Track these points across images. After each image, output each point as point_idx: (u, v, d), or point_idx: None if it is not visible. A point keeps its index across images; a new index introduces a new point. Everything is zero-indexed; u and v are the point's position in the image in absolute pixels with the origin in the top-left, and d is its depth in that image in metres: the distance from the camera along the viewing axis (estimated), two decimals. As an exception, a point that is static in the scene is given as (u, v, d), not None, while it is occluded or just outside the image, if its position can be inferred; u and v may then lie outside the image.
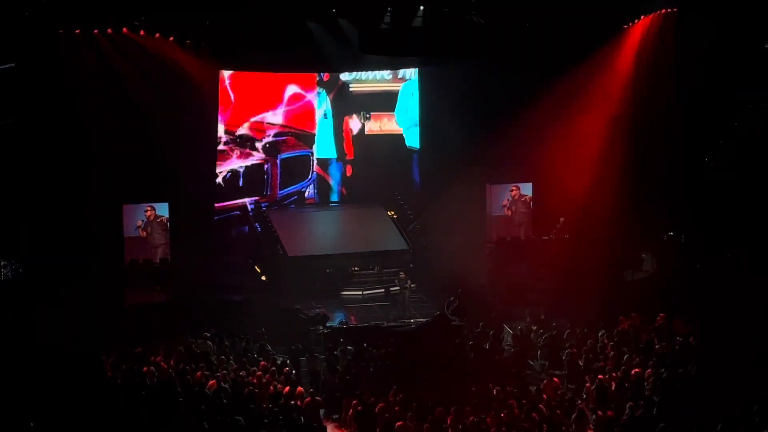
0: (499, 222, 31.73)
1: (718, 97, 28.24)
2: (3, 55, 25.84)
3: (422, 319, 27.98)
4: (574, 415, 20.28)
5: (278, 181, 34.71)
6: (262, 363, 23.53)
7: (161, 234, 29.10)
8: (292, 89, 34.74)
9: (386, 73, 35.26)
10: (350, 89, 35.29)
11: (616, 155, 29.27)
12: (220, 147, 32.77)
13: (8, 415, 18.89)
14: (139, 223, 28.98)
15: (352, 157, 35.74)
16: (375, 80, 35.45)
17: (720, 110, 28.52)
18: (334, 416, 22.33)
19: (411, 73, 35.36)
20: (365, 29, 28.37)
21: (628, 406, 20.35)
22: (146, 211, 29.02)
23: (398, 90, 35.59)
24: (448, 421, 19.72)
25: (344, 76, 34.92)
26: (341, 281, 30.58)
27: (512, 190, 31.55)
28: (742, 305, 24.85)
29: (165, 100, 28.15)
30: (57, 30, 26.36)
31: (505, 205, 31.57)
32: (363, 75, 35.16)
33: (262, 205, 33.80)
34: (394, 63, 33.47)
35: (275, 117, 34.58)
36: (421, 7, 28.10)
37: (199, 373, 22.34)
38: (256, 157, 34.32)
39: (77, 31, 26.68)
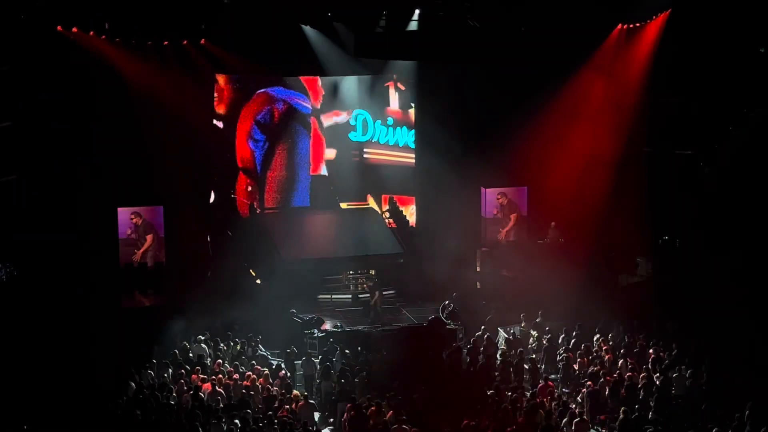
0: (493, 225, 31.76)
1: (713, 101, 28.30)
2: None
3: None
4: (566, 419, 20.31)
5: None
6: (257, 366, 23.57)
7: (140, 241, 29.01)
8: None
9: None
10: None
11: (611, 159, 29.31)
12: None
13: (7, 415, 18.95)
14: (129, 230, 28.98)
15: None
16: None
17: (715, 114, 28.56)
18: (330, 420, 22.34)
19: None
20: (361, 33, 28.40)
21: (622, 410, 20.39)
22: (132, 218, 28.97)
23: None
24: (443, 425, 19.71)
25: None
26: (334, 285, 30.55)
27: (498, 198, 31.59)
28: (737, 309, 24.92)
29: (161, 104, 28.14)
30: (52, 31, 26.35)
31: (495, 214, 31.64)
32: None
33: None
34: (387, 67, 33.33)
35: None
36: (417, 11, 28.16)
37: (194, 375, 22.39)
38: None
39: (74, 29, 26.67)
